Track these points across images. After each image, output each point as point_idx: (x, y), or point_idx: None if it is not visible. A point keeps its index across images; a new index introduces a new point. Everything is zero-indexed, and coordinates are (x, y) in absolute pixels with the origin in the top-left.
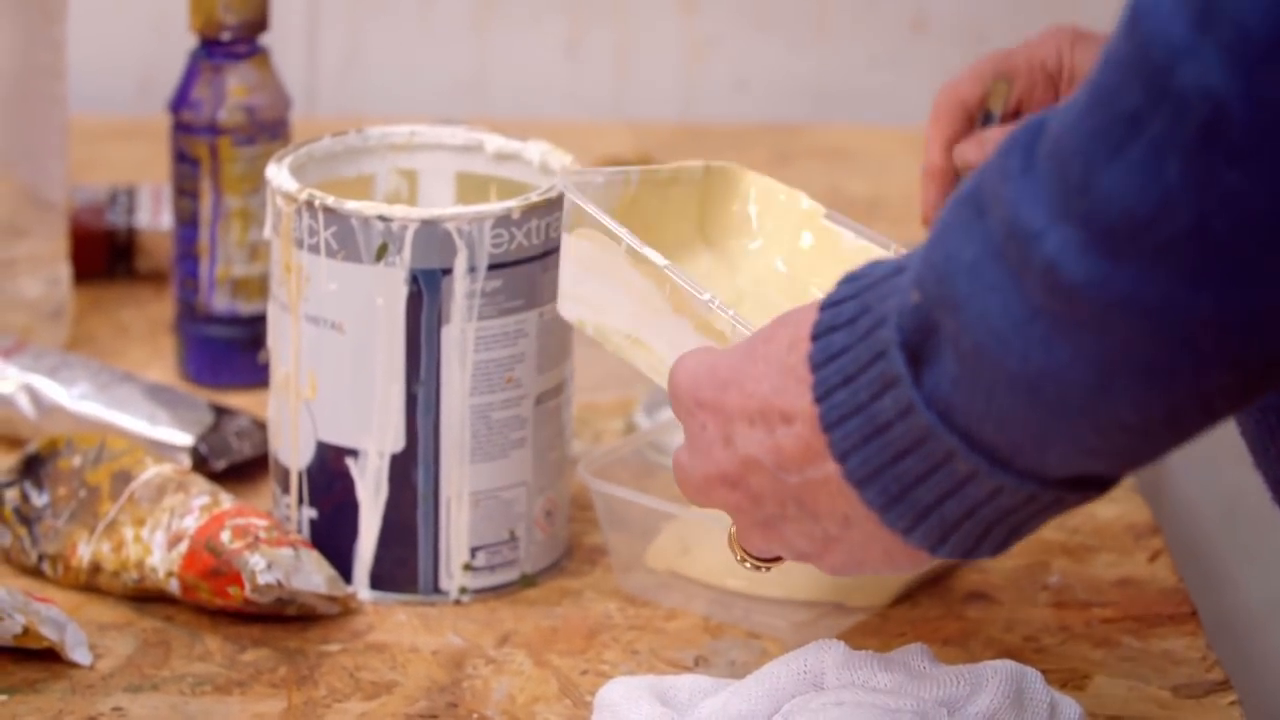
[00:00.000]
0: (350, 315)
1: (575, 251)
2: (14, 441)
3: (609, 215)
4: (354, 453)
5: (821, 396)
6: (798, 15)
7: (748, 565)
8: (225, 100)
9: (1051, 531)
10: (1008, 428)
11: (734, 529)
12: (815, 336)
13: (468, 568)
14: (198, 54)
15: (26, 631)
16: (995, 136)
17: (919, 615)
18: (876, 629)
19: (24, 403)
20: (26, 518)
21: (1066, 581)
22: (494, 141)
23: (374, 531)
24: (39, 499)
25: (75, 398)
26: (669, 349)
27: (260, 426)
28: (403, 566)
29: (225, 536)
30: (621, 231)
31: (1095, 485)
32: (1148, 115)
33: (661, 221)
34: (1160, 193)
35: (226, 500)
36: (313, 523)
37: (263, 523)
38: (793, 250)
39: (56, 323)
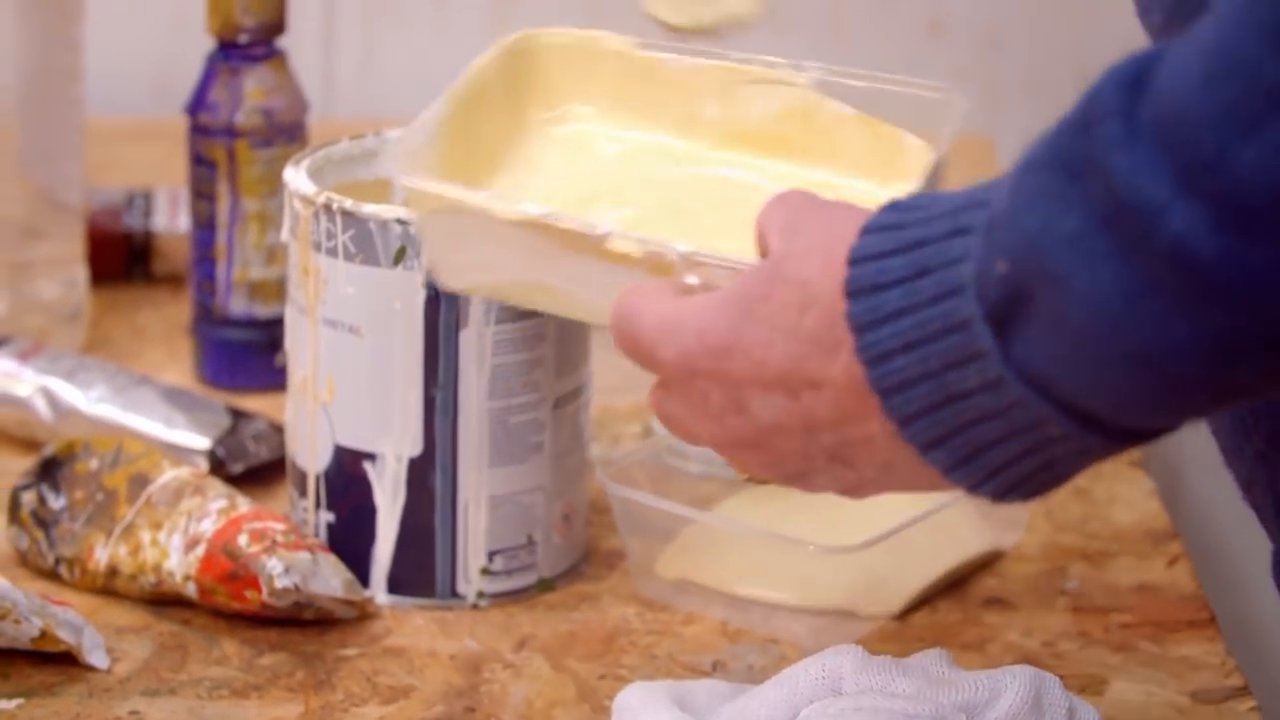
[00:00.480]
0: (368, 319)
1: (437, 229)
2: (31, 444)
3: (442, 167)
4: (372, 456)
5: (873, 360)
6: (814, 17)
7: (750, 481)
8: (243, 103)
9: (1070, 536)
10: (1115, 398)
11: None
12: (852, 294)
13: (485, 572)
14: (215, 57)
15: (43, 635)
16: None
17: (937, 620)
18: (895, 634)
19: (41, 405)
20: (44, 521)
21: (1085, 587)
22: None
23: (391, 535)
24: (56, 502)
25: (92, 400)
26: (577, 284)
27: (277, 430)
28: (420, 571)
29: (243, 540)
30: (478, 197)
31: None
32: None
33: (492, 133)
34: None
35: (244, 504)
36: (330, 526)
37: (280, 526)
38: (621, 97)
39: (73, 325)
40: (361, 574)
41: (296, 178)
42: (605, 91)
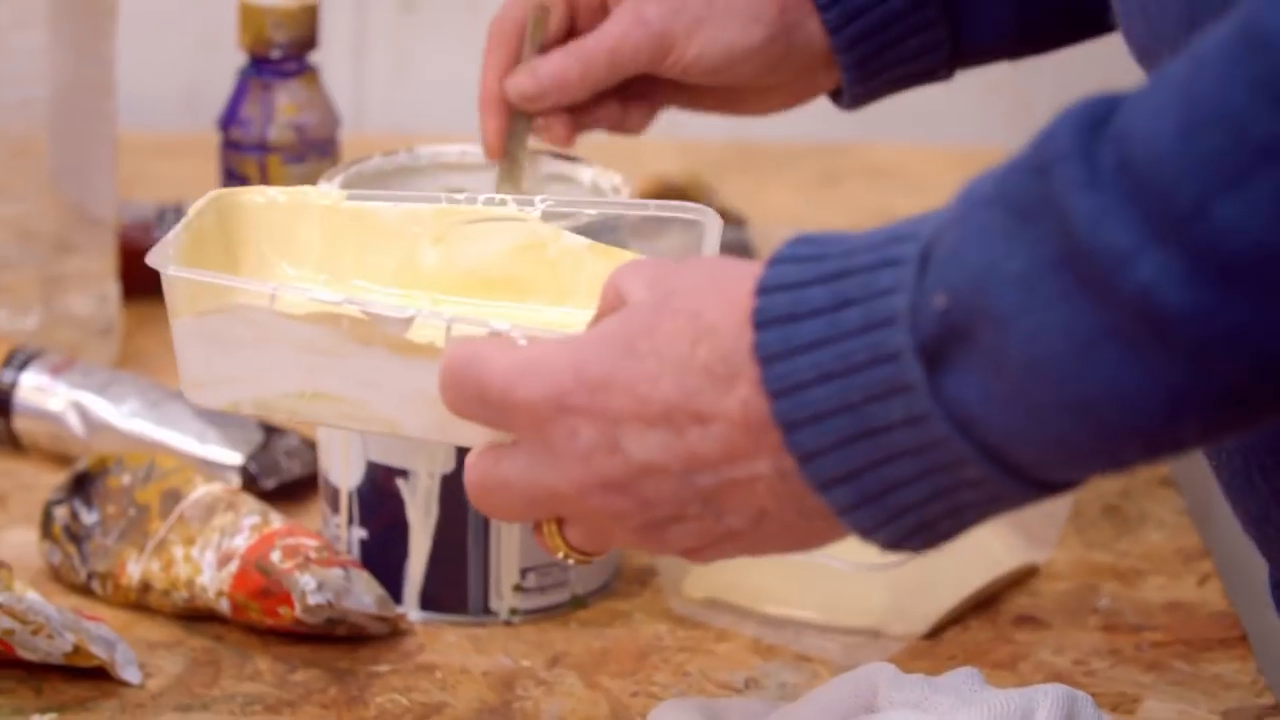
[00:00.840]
0: None
1: (203, 332)
2: (63, 459)
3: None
4: (404, 473)
5: (782, 392)
6: None
7: (570, 560)
8: (274, 118)
9: (1101, 554)
10: (1045, 446)
11: (552, 524)
12: (761, 324)
13: (518, 589)
14: (247, 72)
15: (76, 650)
16: (544, 66)
17: (969, 638)
18: (927, 652)
19: (73, 420)
20: (76, 535)
21: (1116, 605)
22: (544, 163)
23: (424, 552)
24: (89, 517)
25: (125, 415)
26: (362, 388)
27: (309, 446)
28: (453, 587)
29: (275, 556)
30: (269, 286)
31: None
32: None
33: (222, 258)
34: None
35: (276, 520)
36: (363, 543)
37: (313, 543)
38: (332, 254)
39: (106, 340)
40: (394, 590)
41: None
42: (313, 249)
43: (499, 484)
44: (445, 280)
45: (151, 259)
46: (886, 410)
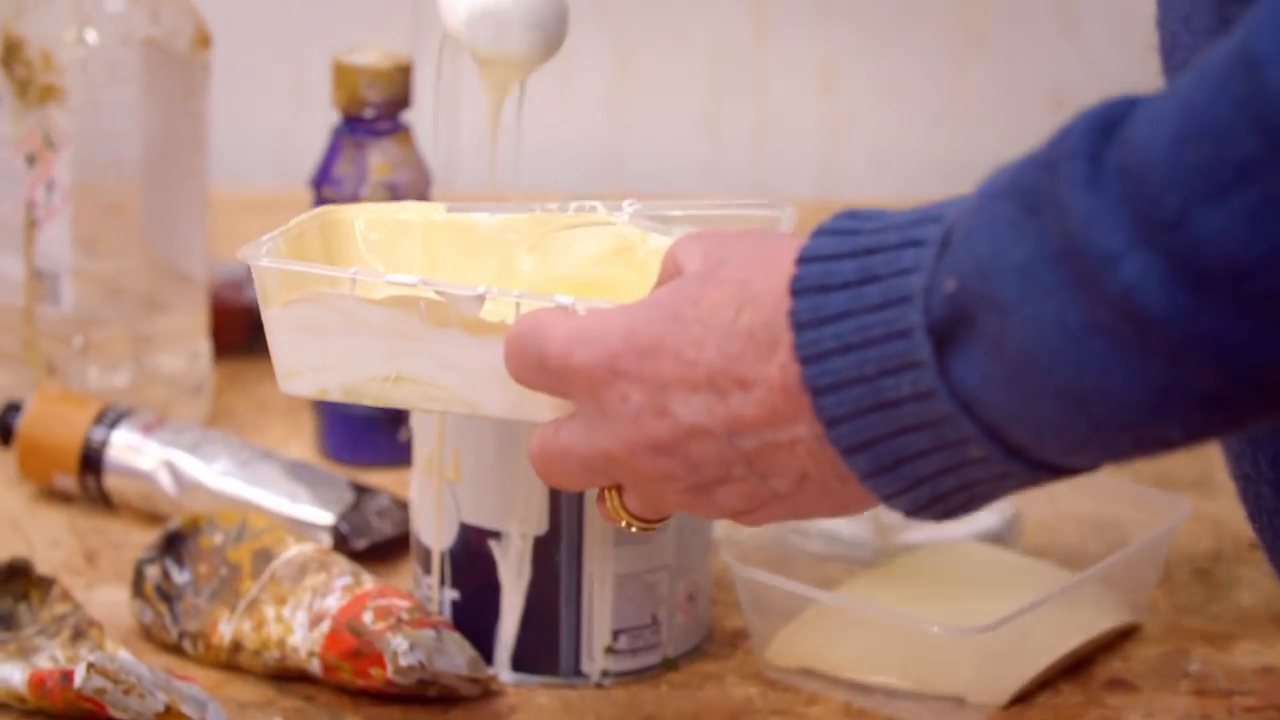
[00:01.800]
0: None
1: (290, 322)
2: (154, 517)
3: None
4: (497, 535)
5: (809, 358)
6: (936, 92)
7: (632, 529)
8: (367, 177)
9: (1192, 619)
10: (1040, 430)
11: (613, 493)
12: (797, 291)
13: (610, 651)
14: (340, 130)
15: (168, 710)
16: None
17: (1060, 702)
18: (1017, 716)
19: (165, 479)
20: (168, 595)
21: (1207, 669)
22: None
23: (516, 613)
24: (180, 576)
25: (216, 474)
26: (442, 369)
27: (401, 505)
28: (545, 649)
29: (367, 617)
30: (349, 271)
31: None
32: (1265, 168)
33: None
34: (1270, 246)
35: (368, 581)
36: (454, 604)
37: (405, 603)
38: (433, 264)
39: (197, 398)
40: (486, 651)
41: None
42: (414, 262)
43: (559, 451)
44: (541, 285)
45: (242, 253)
46: (897, 384)
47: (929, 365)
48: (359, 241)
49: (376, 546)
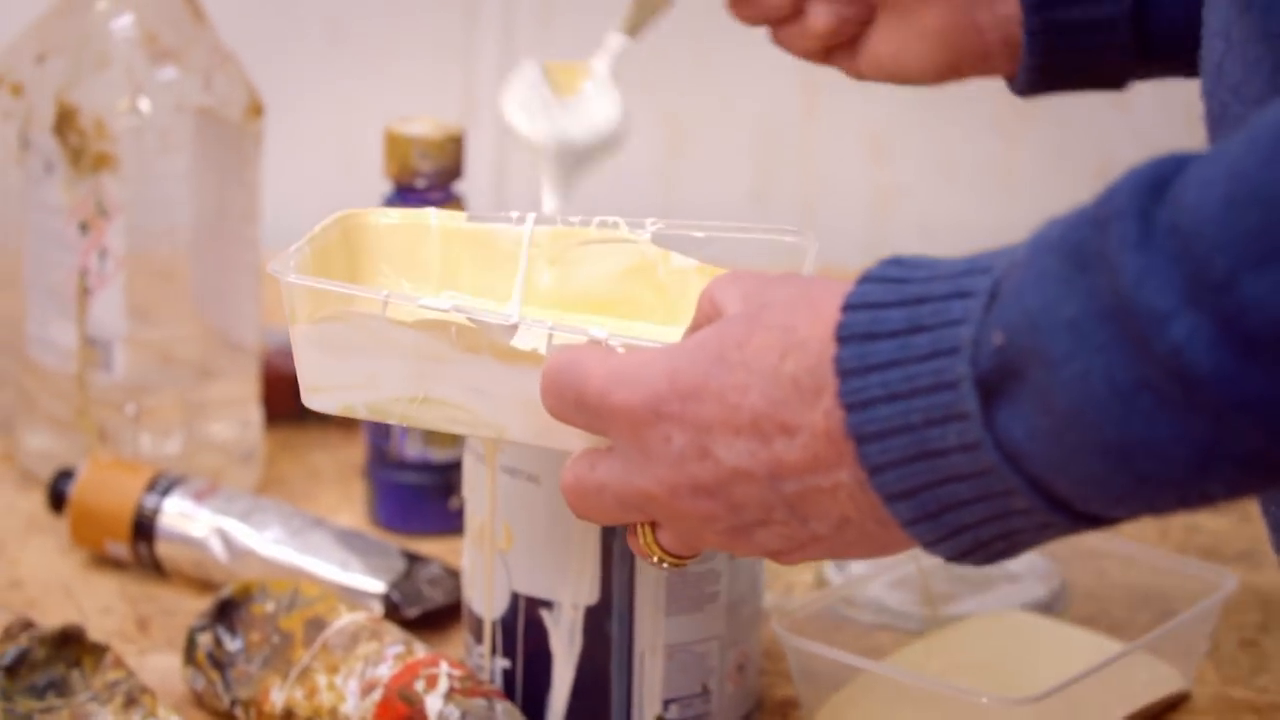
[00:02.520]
0: (547, 467)
1: (319, 338)
2: (206, 584)
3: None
4: (549, 604)
5: (854, 405)
6: (985, 165)
7: (664, 565)
8: None
9: (1239, 689)
10: (1084, 484)
11: (647, 529)
12: (843, 338)
13: None
14: (392, 200)
15: None
16: None
17: None
18: None
19: (216, 546)
20: (220, 662)
21: None
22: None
23: (567, 683)
24: (232, 644)
25: (267, 542)
26: (469, 393)
27: (452, 574)
28: (596, 718)
29: (419, 685)
30: (381, 293)
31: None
32: None
33: (345, 275)
34: None
35: (420, 649)
36: (506, 673)
37: (457, 672)
38: (451, 272)
39: (248, 466)
40: None
41: None
42: (433, 269)
43: (595, 487)
44: (559, 300)
45: (271, 268)
46: (943, 434)
47: (975, 417)
48: (379, 246)
49: (428, 615)
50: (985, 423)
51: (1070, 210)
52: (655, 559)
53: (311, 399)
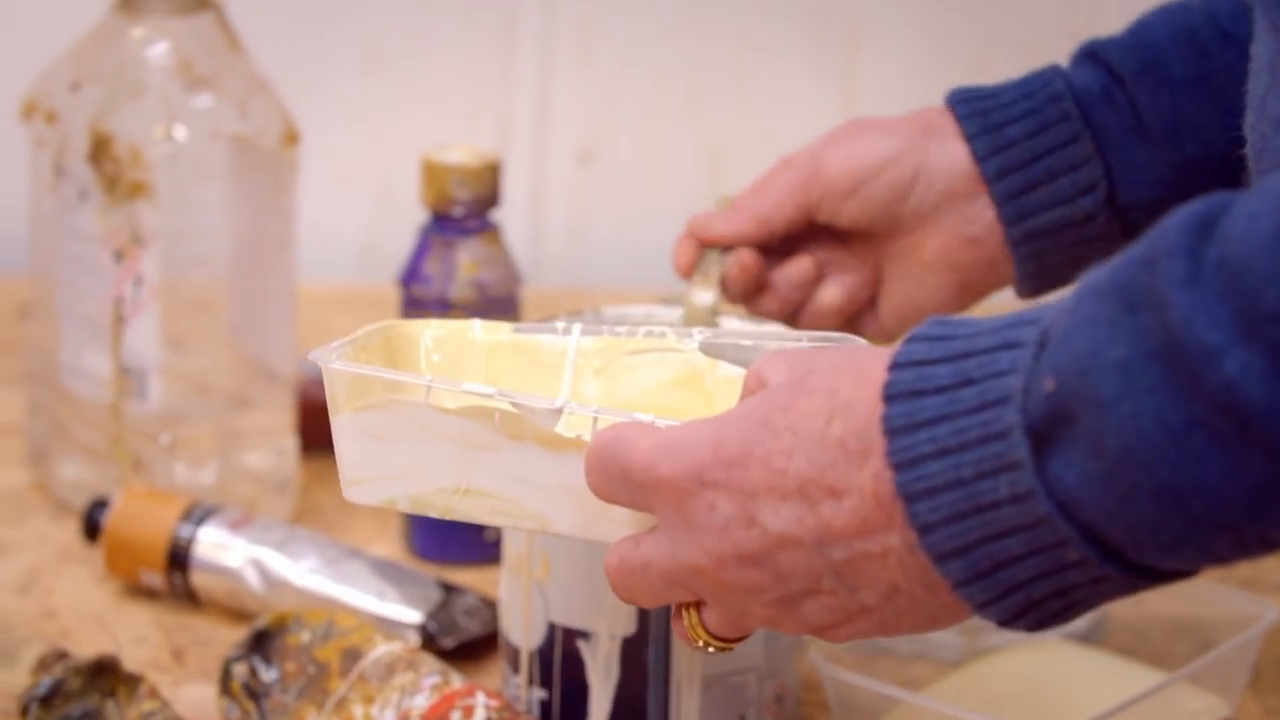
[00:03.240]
0: None
1: (361, 428)
2: (240, 615)
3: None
4: (585, 635)
5: (903, 464)
6: None
7: (710, 649)
8: (456, 275)
9: None
10: (1138, 530)
11: (692, 611)
12: (890, 397)
13: None
14: (429, 228)
15: None
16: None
17: None
18: None
19: (251, 576)
20: (255, 693)
21: None
22: (730, 323)
23: (604, 714)
24: (268, 674)
25: (303, 572)
26: (513, 483)
27: (488, 604)
28: None
29: (456, 716)
30: (425, 379)
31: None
32: None
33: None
34: None
35: (457, 680)
36: (543, 703)
37: (493, 703)
38: (497, 383)
39: (283, 495)
40: None
41: None
42: (479, 374)
43: (640, 564)
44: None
45: (314, 355)
46: (995, 486)
47: (1027, 466)
48: (423, 357)
49: (464, 645)
50: (1037, 471)
51: (1118, 254)
52: (701, 643)
53: (351, 491)
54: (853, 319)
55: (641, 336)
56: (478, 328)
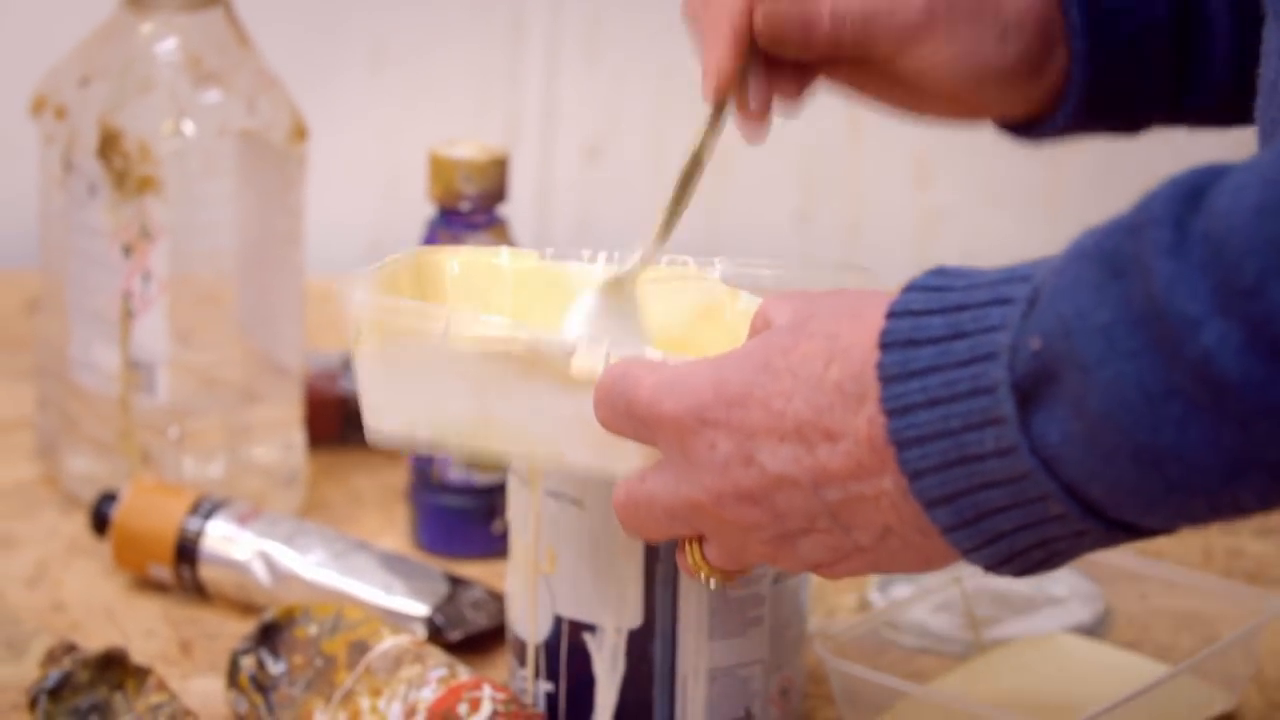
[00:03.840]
0: (591, 492)
1: (383, 359)
2: (248, 608)
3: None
4: (591, 628)
5: (896, 411)
6: (1029, 189)
7: (711, 582)
8: None
9: None
10: (1117, 490)
11: (694, 545)
12: (886, 345)
13: None
14: (436, 223)
15: None
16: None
17: None
18: None
19: (259, 570)
20: (263, 685)
21: None
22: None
23: (610, 707)
24: (275, 667)
25: (310, 565)
26: (529, 416)
27: (495, 597)
28: None
29: (462, 709)
30: (443, 311)
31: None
32: None
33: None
34: None
35: (464, 673)
36: (549, 696)
37: (500, 695)
38: (523, 308)
39: (291, 489)
40: None
41: None
42: (505, 308)
43: (645, 498)
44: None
45: (339, 285)
46: (981, 439)
47: (1011, 421)
48: (450, 285)
49: (471, 638)
50: (1021, 427)
51: (1107, 220)
52: (703, 575)
53: (374, 420)
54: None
55: (664, 264)
56: (505, 255)
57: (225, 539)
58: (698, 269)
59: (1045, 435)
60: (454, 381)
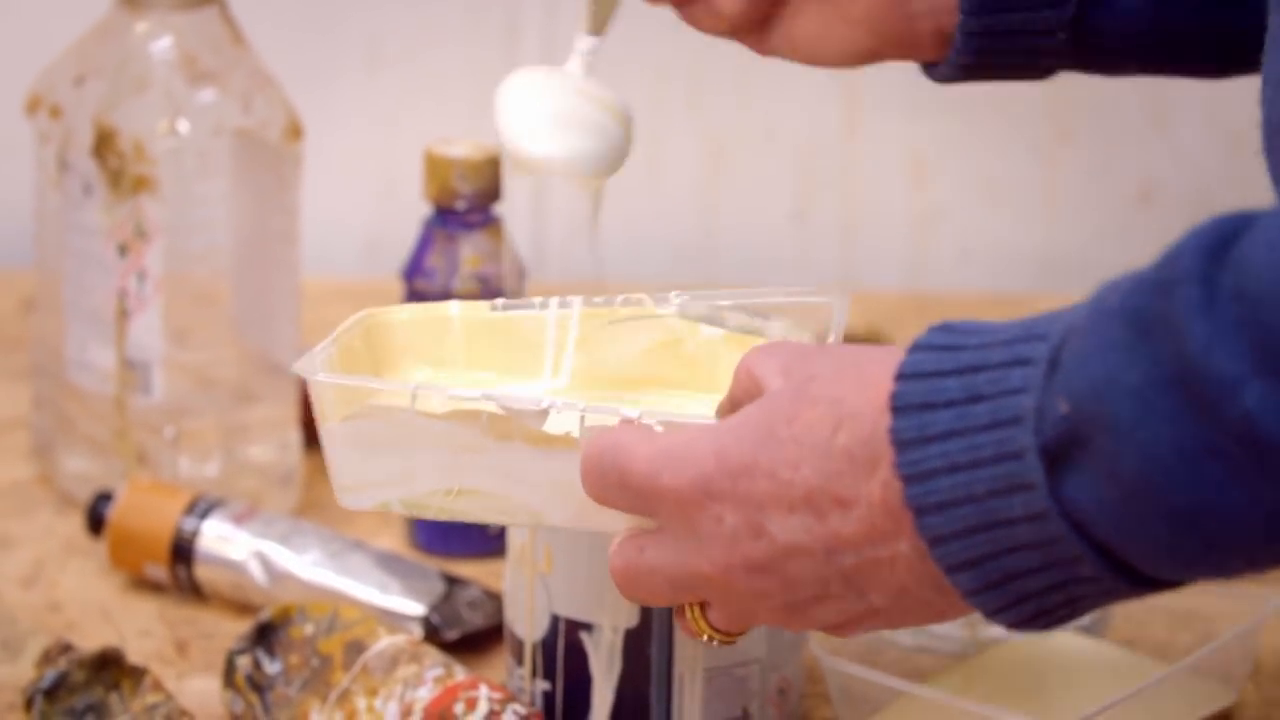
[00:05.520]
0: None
1: (351, 436)
2: (244, 608)
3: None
4: (588, 627)
5: (913, 477)
6: (1025, 186)
7: (714, 643)
8: (459, 269)
9: None
10: (1152, 550)
11: (695, 608)
12: (898, 409)
13: None
14: (431, 222)
15: None
16: None
17: None
18: None
19: (255, 569)
20: (259, 685)
21: None
22: (735, 319)
23: (607, 706)
24: (271, 667)
25: (307, 565)
26: (504, 481)
27: (491, 597)
28: None
29: (459, 708)
30: (408, 387)
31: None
32: None
33: (369, 372)
34: None
35: (460, 672)
36: (546, 695)
37: (497, 695)
38: (476, 361)
39: (287, 488)
40: None
41: None
42: (458, 360)
43: (646, 570)
44: (590, 381)
45: (298, 367)
46: (1008, 505)
47: (1041, 487)
48: (400, 342)
49: (468, 638)
50: (1051, 492)
51: (1130, 275)
52: (705, 637)
53: (345, 498)
54: (737, 31)
55: (619, 305)
56: (455, 308)
57: (221, 539)
58: (653, 305)
59: (1076, 499)
60: (425, 453)
